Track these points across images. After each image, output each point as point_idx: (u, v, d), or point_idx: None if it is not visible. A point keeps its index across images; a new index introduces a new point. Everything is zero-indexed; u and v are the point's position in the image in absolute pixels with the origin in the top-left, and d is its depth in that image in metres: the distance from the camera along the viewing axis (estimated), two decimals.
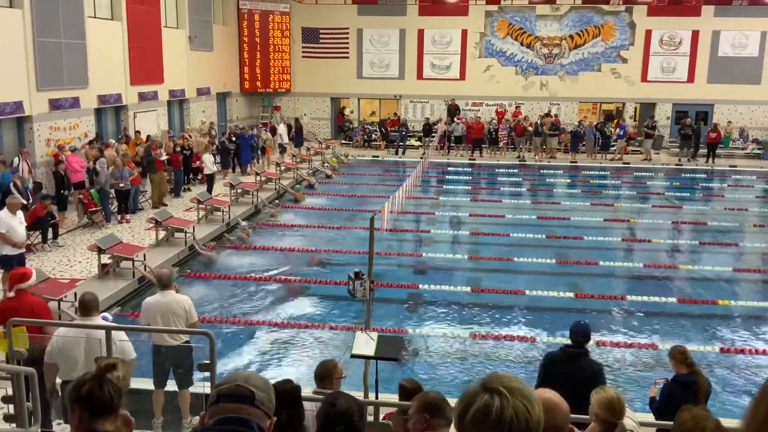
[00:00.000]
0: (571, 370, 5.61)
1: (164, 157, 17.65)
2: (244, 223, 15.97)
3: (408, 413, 3.40)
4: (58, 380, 5.87)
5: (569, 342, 6.05)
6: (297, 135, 26.69)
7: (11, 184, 13.68)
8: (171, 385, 7.03)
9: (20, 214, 11.13)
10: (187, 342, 6.84)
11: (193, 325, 6.87)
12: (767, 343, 10.04)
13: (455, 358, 9.46)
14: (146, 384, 6.94)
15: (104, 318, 6.97)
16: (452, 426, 3.28)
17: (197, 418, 6.76)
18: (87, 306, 5.94)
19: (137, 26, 20.40)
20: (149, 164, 16.88)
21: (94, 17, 18.71)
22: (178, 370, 6.84)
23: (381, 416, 5.60)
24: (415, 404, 3.28)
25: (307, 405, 3.72)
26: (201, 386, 6.19)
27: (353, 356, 6.26)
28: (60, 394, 5.88)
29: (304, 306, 11.33)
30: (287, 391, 3.29)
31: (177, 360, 6.81)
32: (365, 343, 6.14)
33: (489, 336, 10.05)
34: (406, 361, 9.05)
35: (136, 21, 20.37)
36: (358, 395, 5.97)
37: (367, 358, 6.24)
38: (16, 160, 14.96)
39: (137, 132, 19.81)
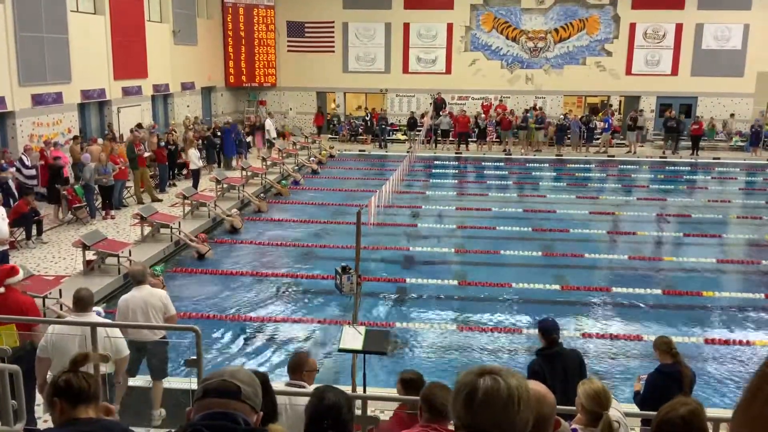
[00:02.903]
0: (560, 369, 5.65)
1: (147, 154, 17.54)
2: (235, 210, 16.01)
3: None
4: (50, 375, 5.85)
5: (543, 343, 5.98)
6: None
7: (10, 180, 13.58)
8: (139, 380, 7.05)
9: (2, 210, 11.04)
10: (163, 338, 6.87)
11: (171, 318, 6.88)
12: (751, 333, 10.16)
13: (443, 350, 9.50)
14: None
15: (97, 313, 6.96)
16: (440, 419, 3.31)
17: (163, 410, 6.79)
18: (83, 302, 5.92)
19: (120, 20, 20.22)
20: (131, 161, 16.76)
21: (77, 11, 18.53)
22: (153, 363, 6.83)
23: (369, 410, 5.60)
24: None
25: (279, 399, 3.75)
26: (188, 382, 6.17)
27: (341, 350, 6.27)
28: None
29: (291, 301, 11.32)
30: (261, 382, 3.30)
31: (153, 354, 6.80)
32: (353, 338, 6.14)
33: (476, 328, 10.10)
34: (394, 354, 9.06)
35: (119, 15, 20.18)
36: (346, 389, 5.98)
37: (354, 352, 6.24)
38: (24, 157, 14.77)
39: (109, 128, 19.63)
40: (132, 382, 6.78)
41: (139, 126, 19.27)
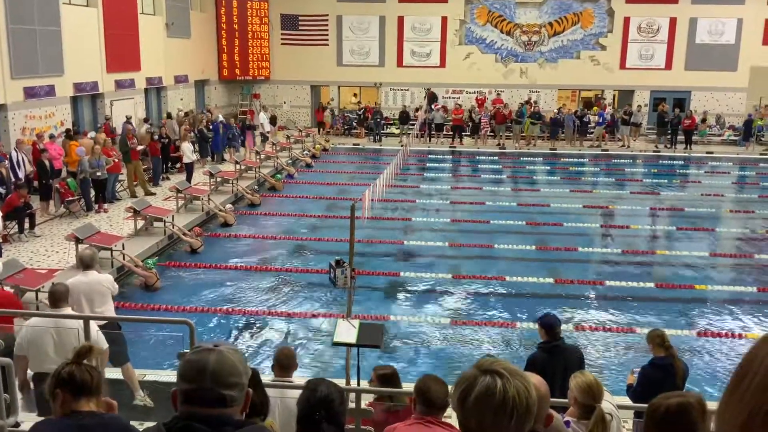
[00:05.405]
0: (560, 364, 5.65)
1: (140, 147, 17.47)
2: (229, 206, 15.98)
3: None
4: (30, 372, 5.83)
5: (544, 337, 5.98)
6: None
7: None
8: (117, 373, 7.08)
9: None
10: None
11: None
12: (742, 326, 10.21)
13: (436, 344, 9.52)
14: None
15: None
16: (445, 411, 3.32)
17: (141, 392, 6.91)
18: (57, 297, 5.90)
19: (113, 13, 20.09)
20: (125, 154, 16.68)
21: (69, 3, 18.39)
22: (111, 350, 6.85)
23: (363, 403, 5.62)
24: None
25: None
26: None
27: (335, 344, 6.27)
28: (32, 386, 5.84)
29: (284, 294, 11.31)
30: (251, 377, 3.31)
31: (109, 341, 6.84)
32: (347, 331, 6.15)
33: (470, 322, 10.12)
34: (388, 348, 9.08)
35: (112, 7, 20.05)
36: (340, 382, 5.99)
37: (348, 345, 6.25)
38: (14, 153, 14.64)
39: (106, 120, 19.57)
40: (113, 375, 6.78)
41: (129, 119, 19.23)
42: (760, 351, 0.92)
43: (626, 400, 5.78)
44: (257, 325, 10.09)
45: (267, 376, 4.81)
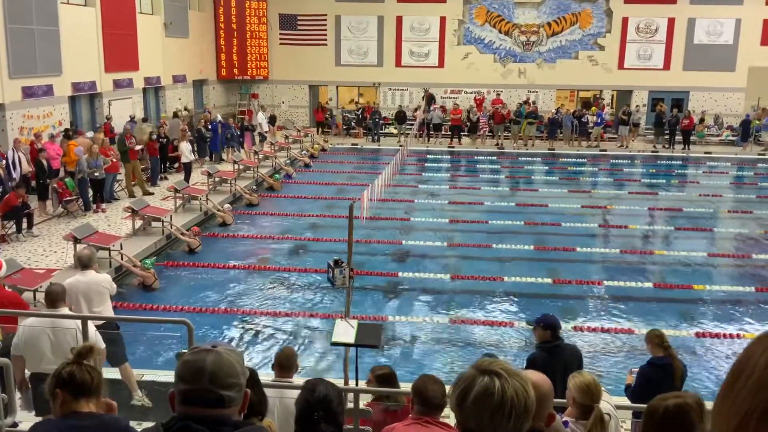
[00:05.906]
0: (560, 364, 5.64)
1: (138, 147, 17.45)
2: (227, 206, 15.97)
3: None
4: (27, 372, 5.83)
5: (543, 337, 5.98)
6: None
7: None
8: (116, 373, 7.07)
9: None
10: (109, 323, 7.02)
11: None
12: (741, 326, 10.22)
13: (435, 344, 9.52)
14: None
15: None
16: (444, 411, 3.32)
17: (139, 392, 6.93)
18: (54, 297, 5.88)
19: (111, 12, 20.06)
20: (123, 153, 16.66)
21: (67, 3, 18.36)
22: (108, 350, 6.84)
23: (362, 403, 5.62)
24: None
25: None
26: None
27: (333, 344, 6.27)
28: (30, 386, 5.83)
29: (283, 294, 11.30)
30: (249, 378, 3.31)
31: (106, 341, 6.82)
32: (345, 331, 6.14)
33: (468, 322, 10.11)
34: (386, 348, 9.08)
35: (110, 7, 20.02)
36: (338, 382, 5.98)
37: (347, 345, 6.24)
38: (10, 152, 14.59)
39: (108, 120, 19.51)
40: (112, 375, 6.78)
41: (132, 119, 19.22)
42: (755, 350, 0.92)
43: (625, 400, 5.79)
44: (255, 325, 10.08)
45: (265, 377, 4.81)
